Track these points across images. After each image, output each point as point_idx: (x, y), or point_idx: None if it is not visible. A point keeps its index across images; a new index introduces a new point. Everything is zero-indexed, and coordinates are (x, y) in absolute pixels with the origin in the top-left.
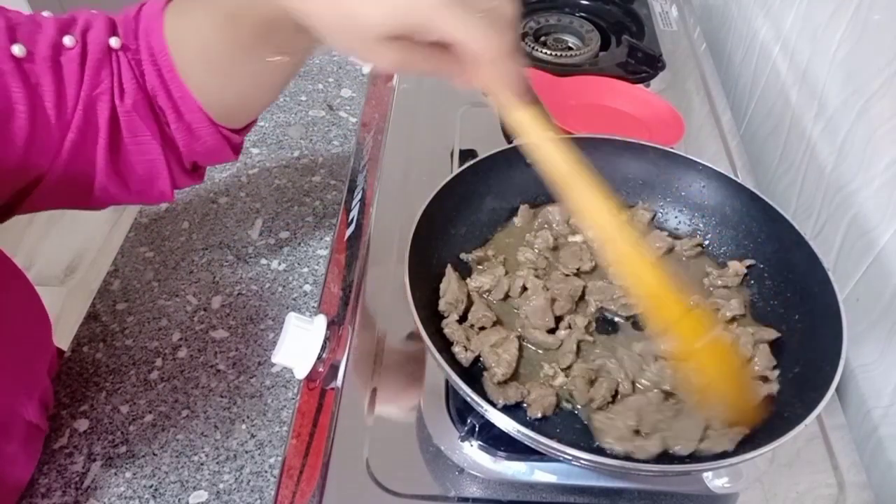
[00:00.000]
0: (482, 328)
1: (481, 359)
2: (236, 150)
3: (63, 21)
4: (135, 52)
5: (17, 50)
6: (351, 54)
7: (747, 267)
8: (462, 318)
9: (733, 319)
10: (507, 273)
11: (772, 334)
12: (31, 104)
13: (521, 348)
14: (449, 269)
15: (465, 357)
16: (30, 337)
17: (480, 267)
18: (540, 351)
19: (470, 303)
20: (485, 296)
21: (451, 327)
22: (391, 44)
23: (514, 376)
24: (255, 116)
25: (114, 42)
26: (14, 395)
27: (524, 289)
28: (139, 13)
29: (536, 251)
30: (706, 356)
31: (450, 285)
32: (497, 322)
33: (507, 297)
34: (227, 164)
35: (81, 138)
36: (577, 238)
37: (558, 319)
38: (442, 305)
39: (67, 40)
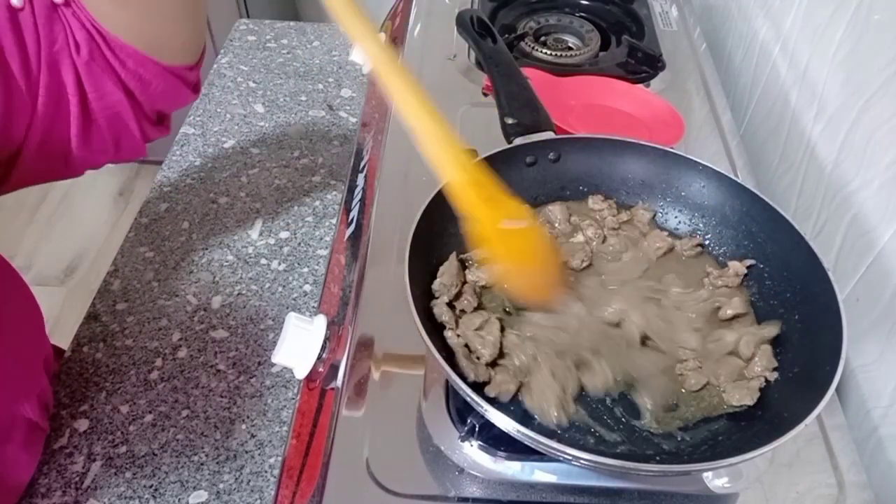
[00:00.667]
0: (463, 311)
1: (467, 337)
2: (195, 88)
3: None
4: (75, 5)
5: None
6: None
7: (747, 267)
8: (450, 304)
9: (734, 317)
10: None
11: (773, 331)
12: (1, 73)
13: (503, 329)
14: (452, 256)
15: (456, 342)
16: (24, 334)
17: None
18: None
19: (461, 291)
20: (477, 289)
21: (439, 308)
22: None
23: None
24: (191, 44)
25: None
26: (12, 395)
27: None
28: None
29: None
30: (510, 239)
31: (448, 269)
32: (479, 307)
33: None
34: (228, 163)
35: (52, 99)
36: (579, 238)
37: None
38: (435, 285)
39: (15, 1)
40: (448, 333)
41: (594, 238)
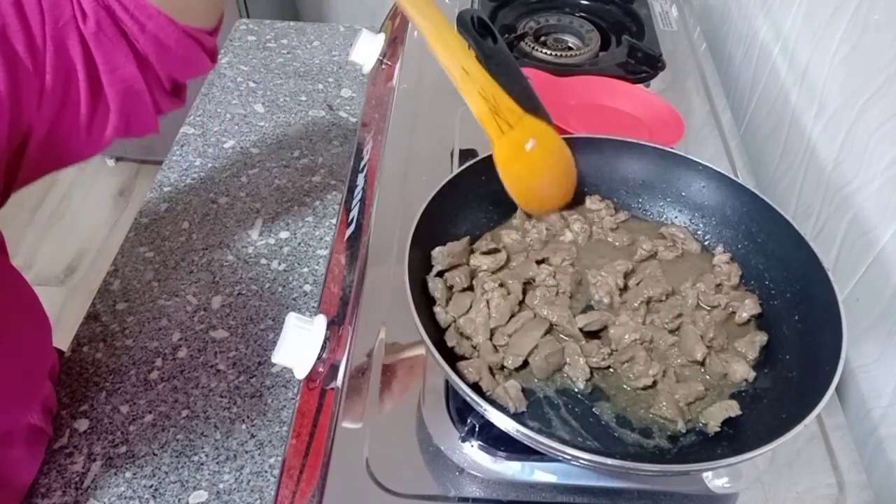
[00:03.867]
0: (451, 287)
1: (460, 329)
2: (212, 55)
3: None
4: None
5: None
6: None
7: (730, 258)
8: (441, 275)
9: (749, 320)
10: (508, 260)
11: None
12: (5, 53)
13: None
14: (465, 239)
15: (444, 319)
16: (32, 344)
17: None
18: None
19: (458, 265)
20: (478, 274)
21: (433, 282)
22: None
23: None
24: (214, 6)
25: None
26: (18, 403)
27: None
28: None
29: (527, 239)
30: (535, 154)
31: (455, 246)
32: (467, 289)
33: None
34: (228, 163)
35: (60, 78)
36: (567, 236)
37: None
38: (434, 252)
39: None
40: (437, 309)
41: (580, 233)
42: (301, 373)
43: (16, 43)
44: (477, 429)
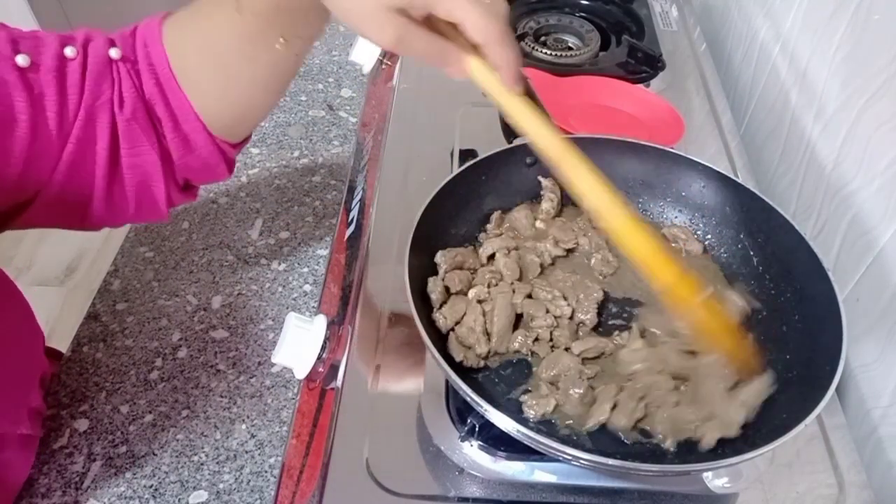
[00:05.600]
0: (448, 288)
1: (458, 335)
2: (230, 166)
3: (64, 35)
4: (133, 62)
5: (22, 60)
6: (353, 24)
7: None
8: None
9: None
10: (516, 247)
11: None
12: (34, 115)
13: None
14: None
15: (443, 325)
16: (22, 354)
17: (497, 231)
18: None
19: (461, 267)
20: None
21: (433, 282)
22: (394, 18)
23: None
24: (251, 128)
25: (114, 53)
26: (6, 417)
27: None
28: (136, 29)
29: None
30: (705, 312)
31: (459, 250)
32: (460, 292)
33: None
34: None
35: (81, 151)
36: (544, 245)
37: None
38: (438, 256)
39: (69, 51)
40: (436, 315)
41: (590, 210)
42: (301, 373)
43: (48, 109)
44: (477, 429)
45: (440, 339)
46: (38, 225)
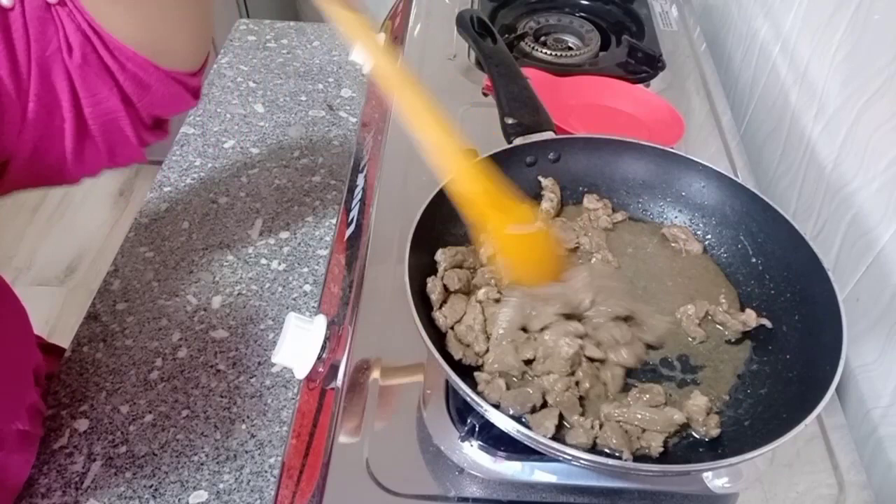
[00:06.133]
0: (447, 287)
1: (457, 334)
2: (195, 94)
3: None
4: (70, 4)
5: None
6: None
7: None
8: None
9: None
10: None
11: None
12: None
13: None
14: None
15: (443, 324)
16: (14, 351)
17: None
18: None
19: (460, 265)
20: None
21: (432, 282)
22: None
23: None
24: (196, 50)
25: None
26: (1, 413)
27: None
28: None
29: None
30: (517, 244)
31: (459, 249)
32: (459, 291)
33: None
34: (228, 163)
35: (44, 107)
36: None
37: None
38: (438, 254)
39: (5, 1)
40: (435, 314)
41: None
42: (301, 373)
43: (0, 67)
44: (477, 429)
45: (440, 339)
46: (17, 188)
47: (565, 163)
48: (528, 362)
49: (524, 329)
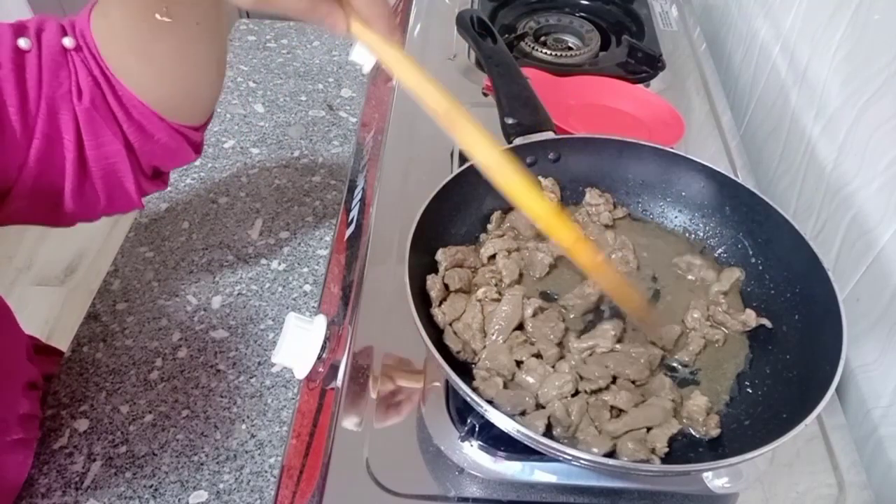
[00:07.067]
0: (447, 286)
1: (455, 330)
2: (196, 148)
3: (16, 25)
4: (83, 51)
5: None
6: None
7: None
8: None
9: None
10: (518, 248)
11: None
12: None
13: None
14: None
15: (442, 320)
16: (2, 366)
17: (499, 232)
18: None
19: (460, 265)
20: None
21: (431, 280)
22: None
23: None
24: (203, 108)
25: (68, 42)
26: None
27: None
28: (79, 16)
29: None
30: (605, 270)
31: (460, 248)
32: (459, 290)
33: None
34: (228, 163)
35: (48, 146)
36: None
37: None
38: (438, 254)
39: (23, 43)
40: (434, 311)
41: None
42: (301, 373)
43: (9, 104)
44: (477, 429)
45: (439, 338)
46: (11, 223)
47: (565, 163)
48: (520, 363)
49: (520, 327)
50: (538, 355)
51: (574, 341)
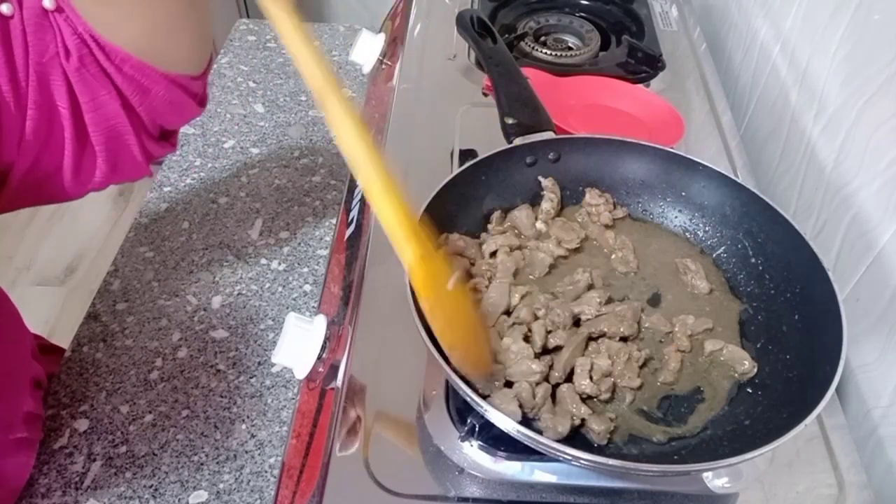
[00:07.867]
0: None
1: None
2: (200, 101)
3: None
4: (68, 9)
5: None
6: None
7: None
8: None
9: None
10: (519, 246)
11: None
12: None
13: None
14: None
15: None
16: (8, 365)
17: (501, 229)
18: None
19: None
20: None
21: None
22: None
23: None
24: (189, 50)
25: (48, 3)
26: None
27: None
28: None
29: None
30: (448, 300)
31: (458, 240)
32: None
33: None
34: (228, 163)
35: (43, 118)
36: (547, 245)
37: None
38: (440, 240)
39: (5, 8)
40: None
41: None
42: (301, 373)
43: (0, 79)
44: (477, 429)
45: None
46: (18, 204)
47: (565, 163)
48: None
49: (507, 313)
50: (527, 339)
51: (558, 307)
